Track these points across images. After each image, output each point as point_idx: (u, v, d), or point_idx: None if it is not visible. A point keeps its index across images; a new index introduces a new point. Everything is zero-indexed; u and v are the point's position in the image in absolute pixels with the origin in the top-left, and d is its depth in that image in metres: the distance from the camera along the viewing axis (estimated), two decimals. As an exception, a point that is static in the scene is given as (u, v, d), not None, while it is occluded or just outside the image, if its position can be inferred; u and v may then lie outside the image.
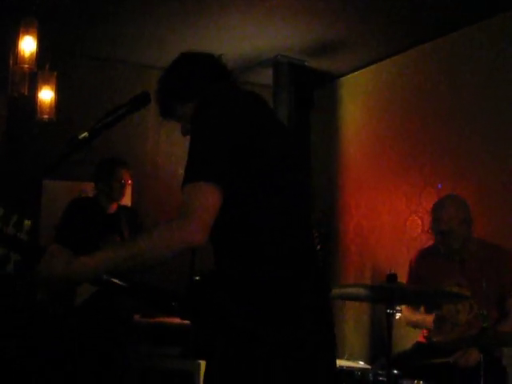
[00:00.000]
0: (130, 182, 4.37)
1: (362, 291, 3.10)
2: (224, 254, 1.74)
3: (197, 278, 1.74)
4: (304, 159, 1.95)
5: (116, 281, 1.72)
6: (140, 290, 1.83)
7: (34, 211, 4.77)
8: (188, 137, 1.79)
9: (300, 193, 1.82)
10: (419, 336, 3.70)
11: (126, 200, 4.67)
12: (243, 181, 1.69)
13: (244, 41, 4.75)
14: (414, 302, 3.51)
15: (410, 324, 3.69)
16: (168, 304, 1.77)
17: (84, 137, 1.82)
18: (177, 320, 3.63)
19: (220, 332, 1.67)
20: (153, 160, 5.39)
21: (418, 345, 3.63)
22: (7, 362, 4.26)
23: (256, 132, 1.73)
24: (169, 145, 5.25)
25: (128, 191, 4.49)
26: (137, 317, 4.38)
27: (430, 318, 3.51)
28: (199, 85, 1.93)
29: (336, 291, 3.33)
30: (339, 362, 3.19)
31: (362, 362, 3.44)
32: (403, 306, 3.45)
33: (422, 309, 3.68)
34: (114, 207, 4.31)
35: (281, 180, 1.75)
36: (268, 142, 1.75)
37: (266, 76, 5.42)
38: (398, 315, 2.82)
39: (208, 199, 1.62)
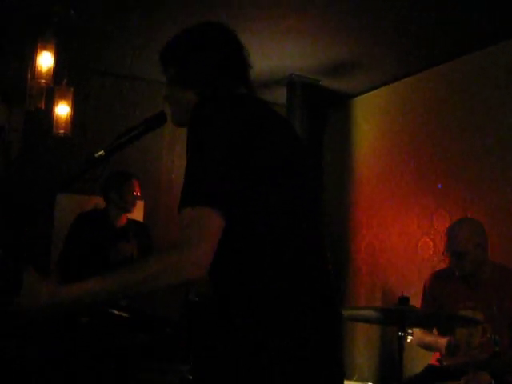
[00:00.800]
0: (139, 193, 4.35)
1: (373, 314, 3.09)
2: (220, 272, 1.56)
3: (196, 298, 1.66)
4: (317, 171, 1.75)
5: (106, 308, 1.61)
6: (132, 319, 1.73)
7: (47, 225, 4.81)
8: None
9: (308, 205, 1.68)
10: (431, 359, 3.67)
11: (139, 216, 4.69)
12: (243, 200, 1.53)
13: (259, 59, 4.78)
14: (425, 325, 3.49)
15: (422, 345, 3.67)
16: (162, 330, 1.71)
17: (100, 155, 1.83)
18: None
19: (215, 353, 1.56)
20: (167, 177, 5.42)
21: (430, 368, 3.60)
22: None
23: (259, 148, 1.57)
24: (183, 161, 5.26)
25: (140, 206, 4.50)
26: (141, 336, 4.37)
27: (442, 341, 3.48)
28: (211, 77, 1.74)
29: (347, 313, 3.32)
30: (349, 383, 3.17)
31: (371, 384, 3.42)
32: (415, 329, 3.43)
33: (435, 330, 3.66)
34: (123, 220, 4.31)
35: (284, 198, 1.59)
36: (272, 156, 1.59)
37: (280, 95, 5.45)
38: (409, 338, 2.80)
39: (209, 228, 1.47)
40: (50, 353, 4.11)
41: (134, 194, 4.27)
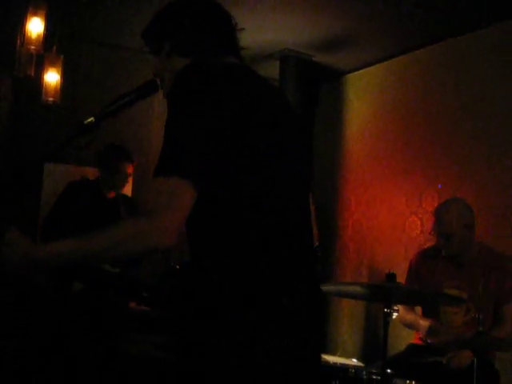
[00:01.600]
0: (130, 176, 4.36)
1: (359, 289, 3.10)
2: (200, 244, 1.58)
3: (177, 266, 1.66)
4: (307, 145, 1.69)
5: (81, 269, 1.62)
6: (107, 278, 1.74)
7: (35, 193, 4.77)
8: None
9: (294, 180, 1.67)
10: (414, 337, 3.70)
11: (128, 187, 4.66)
12: (224, 172, 1.52)
13: (252, 33, 4.74)
14: (411, 302, 3.51)
15: (404, 323, 3.69)
16: (138, 294, 1.71)
17: (90, 122, 1.80)
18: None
19: (188, 321, 1.57)
20: (157, 149, 5.36)
21: (412, 346, 3.63)
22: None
23: (243, 119, 1.55)
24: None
25: (129, 181, 4.49)
26: (132, 304, 4.38)
27: (423, 323, 3.50)
28: (201, 45, 1.74)
29: (333, 288, 3.33)
30: (332, 359, 3.19)
31: (355, 360, 3.44)
32: (399, 306, 3.45)
33: (419, 309, 3.68)
34: (112, 193, 4.32)
35: (269, 171, 1.58)
36: (258, 129, 1.58)
37: (273, 69, 5.41)
38: (394, 315, 2.81)
39: (181, 199, 1.46)
40: (44, 338, 4.13)
41: (126, 175, 4.26)
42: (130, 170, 4.29)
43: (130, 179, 4.52)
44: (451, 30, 4.65)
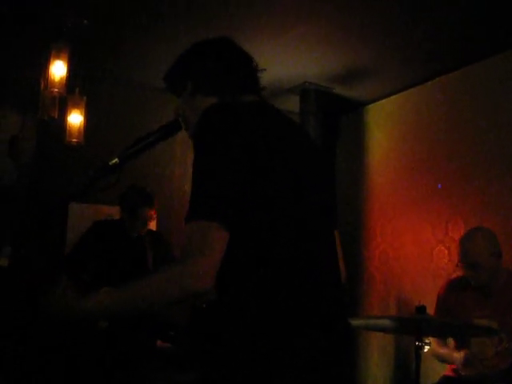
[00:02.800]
0: (154, 216, 4.35)
1: (389, 323, 3.06)
2: (224, 283, 1.56)
3: (204, 305, 1.66)
4: (331, 179, 1.69)
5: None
6: (135, 316, 1.75)
7: (60, 234, 4.80)
8: None
9: (318, 217, 1.67)
10: (446, 370, 3.63)
11: (152, 226, 4.68)
12: (250, 212, 1.53)
13: (272, 67, 4.77)
14: (442, 334, 3.46)
15: (437, 357, 3.63)
16: (165, 333, 1.73)
17: (114, 163, 1.81)
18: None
19: (212, 362, 1.57)
20: (180, 186, 5.41)
21: (446, 378, 3.56)
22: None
23: (268, 157, 1.56)
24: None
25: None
26: (158, 342, 4.36)
27: (457, 355, 3.44)
28: (224, 84, 1.77)
29: (362, 322, 3.29)
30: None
31: (386, 395, 3.38)
32: (431, 338, 3.40)
33: (451, 342, 3.62)
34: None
35: (293, 209, 1.58)
36: (281, 168, 1.58)
37: (294, 103, 5.43)
38: (426, 348, 2.77)
39: (213, 242, 1.47)
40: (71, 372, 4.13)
41: (146, 220, 4.25)
42: (150, 213, 4.27)
43: (153, 221, 4.54)
44: (469, 58, 4.64)
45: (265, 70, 1.86)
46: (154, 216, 4.36)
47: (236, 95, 1.76)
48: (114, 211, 4.51)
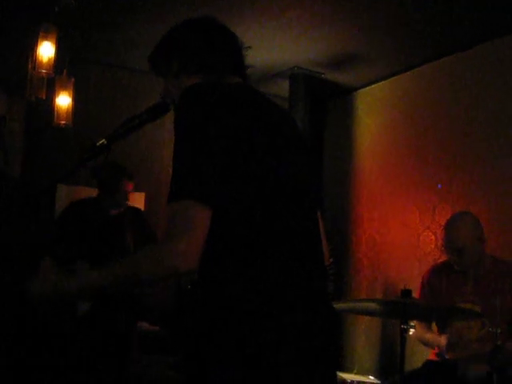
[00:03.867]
0: (130, 192, 4.29)
1: (375, 306, 3.08)
2: (207, 261, 1.54)
3: (188, 286, 1.66)
4: (313, 164, 1.68)
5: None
6: (118, 298, 1.76)
7: (48, 216, 4.79)
8: None
9: (301, 197, 1.68)
10: (430, 354, 3.66)
11: (139, 206, 4.67)
12: (230, 189, 1.53)
13: (262, 51, 4.77)
14: (426, 317, 3.49)
15: (422, 341, 3.67)
16: (150, 313, 1.73)
17: (102, 143, 1.81)
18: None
19: (200, 343, 1.56)
20: (168, 167, 5.39)
21: (429, 362, 3.60)
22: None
23: (248, 137, 1.56)
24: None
25: (142, 197, 4.48)
26: (145, 325, 4.37)
27: (441, 340, 3.48)
28: (209, 62, 1.75)
29: (348, 305, 3.32)
30: (349, 376, 3.17)
31: (371, 377, 3.41)
32: (415, 322, 3.43)
33: (434, 327, 3.65)
34: (115, 211, 4.26)
35: (275, 186, 1.59)
36: (263, 147, 1.58)
37: (283, 87, 5.43)
38: (411, 331, 2.79)
39: (196, 221, 1.47)
40: (51, 362, 4.13)
41: (126, 194, 4.21)
42: (129, 187, 4.24)
43: (143, 196, 4.51)
44: (459, 44, 4.65)
45: (250, 47, 1.86)
46: (132, 190, 4.30)
47: (221, 74, 1.76)
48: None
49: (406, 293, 2.74)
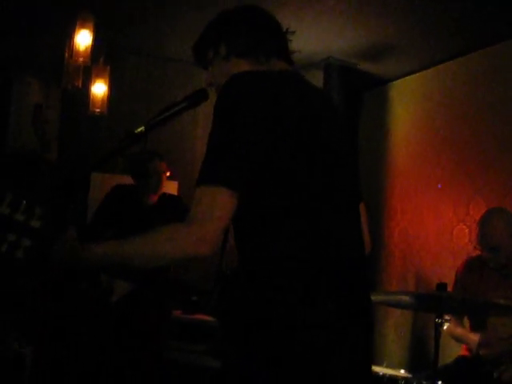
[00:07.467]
0: (167, 173, 4.27)
1: (408, 299, 3.06)
2: (247, 252, 1.59)
3: (228, 272, 1.67)
4: (352, 152, 1.67)
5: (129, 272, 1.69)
6: (156, 282, 1.77)
7: (82, 204, 4.85)
8: None
9: (340, 185, 1.68)
10: (462, 349, 3.63)
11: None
12: (269, 180, 1.53)
13: (296, 41, 4.72)
14: (461, 312, 3.45)
15: (453, 336, 3.63)
16: (188, 298, 1.73)
17: (140, 131, 1.82)
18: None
19: (239, 329, 1.57)
20: (201, 156, 5.41)
21: (462, 358, 3.57)
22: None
23: (286, 127, 1.55)
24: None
25: (175, 186, 4.48)
26: (178, 313, 4.40)
27: (472, 337, 3.44)
28: (257, 44, 1.76)
29: (381, 297, 3.30)
30: (380, 370, 3.15)
31: (402, 371, 3.39)
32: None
33: (467, 322, 3.61)
34: (154, 198, 4.27)
35: (314, 175, 1.58)
36: (302, 135, 1.57)
37: (317, 78, 5.39)
38: (446, 325, 2.77)
39: (221, 208, 1.48)
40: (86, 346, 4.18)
41: (159, 175, 4.20)
42: (161, 167, 4.21)
43: (175, 185, 4.50)
44: (495, 36, 4.57)
45: (294, 32, 1.86)
46: (167, 172, 4.27)
47: (268, 57, 1.76)
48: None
49: (442, 286, 2.71)
